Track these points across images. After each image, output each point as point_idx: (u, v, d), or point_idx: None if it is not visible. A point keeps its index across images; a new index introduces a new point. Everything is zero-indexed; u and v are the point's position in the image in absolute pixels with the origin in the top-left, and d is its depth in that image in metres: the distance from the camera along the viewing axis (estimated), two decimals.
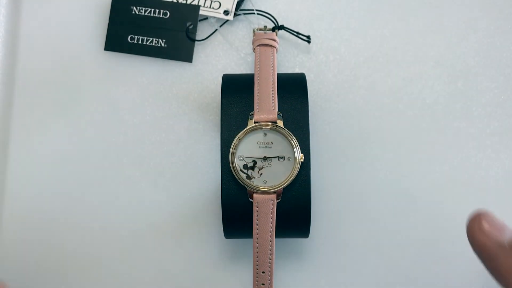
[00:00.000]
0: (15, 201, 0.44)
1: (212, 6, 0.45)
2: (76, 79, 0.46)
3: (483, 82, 0.45)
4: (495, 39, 0.46)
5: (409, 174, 0.44)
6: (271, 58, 0.39)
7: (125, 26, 0.45)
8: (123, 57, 0.46)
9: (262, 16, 0.46)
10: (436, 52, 0.46)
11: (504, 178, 0.44)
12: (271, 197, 0.36)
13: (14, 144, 0.45)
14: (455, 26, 0.46)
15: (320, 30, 0.46)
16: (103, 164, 0.45)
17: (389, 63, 0.46)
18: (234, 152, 0.36)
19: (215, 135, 0.45)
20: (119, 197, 0.44)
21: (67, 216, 0.44)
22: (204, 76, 0.46)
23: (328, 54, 0.46)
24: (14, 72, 0.46)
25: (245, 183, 0.36)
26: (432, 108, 0.45)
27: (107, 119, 0.45)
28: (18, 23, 0.47)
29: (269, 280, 0.37)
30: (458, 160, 0.44)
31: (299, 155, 0.36)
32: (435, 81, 0.45)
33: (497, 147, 0.44)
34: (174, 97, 0.46)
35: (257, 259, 0.36)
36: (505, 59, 0.46)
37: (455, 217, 0.43)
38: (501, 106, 0.45)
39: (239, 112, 0.38)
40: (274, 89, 0.38)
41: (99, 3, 0.47)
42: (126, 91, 0.46)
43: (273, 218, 0.36)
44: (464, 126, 0.45)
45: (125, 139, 0.45)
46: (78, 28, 0.47)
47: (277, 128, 0.36)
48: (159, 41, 0.45)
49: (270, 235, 0.36)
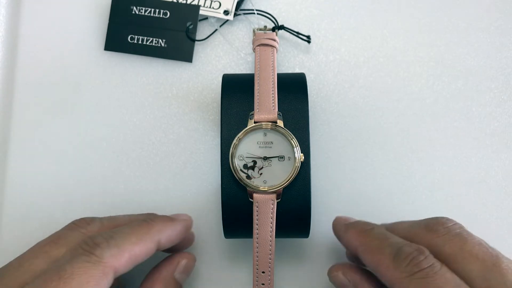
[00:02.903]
0: (15, 201, 0.44)
1: (212, 6, 0.45)
2: (76, 79, 0.46)
3: (483, 82, 0.45)
4: (495, 39, 0.46)
5: (409, 174, 0.44)
6: (271, 58, 0.39)
7: (125, 26, 0.45)
8: (123, 57, 0.46)
9: (262, 16, 0.46)
10: (436, 52, 0.46)
11: (504, 178, 0.44)
12: (271, 197, 0.36)
13: (14, 144, 0.45)
14: (455, 26, 0.46)
15: (320, 30, 0.46)
16: (103, 164, 0.45)
17: (389, 63, 0.46)
18: (234, 152, 0.36)
19: (215, 135, 0.45)
20: (119, 197, 0.44)
21: (67, 216, 0.44)
22: (204, 76, 0.46)
23: (328, 54, 0.46)
24: (14, 72, 0.46)
25: (245, 183, 0.36)
26: (432, 108, 0.45)
27: (107, 119, 0.45)
28: (18, 23, 0.47)
29: (269, 280, 0.37)
30: (458, 160, 0.44)
31: (299, 155, 0.36)
32: (435, 81, 0.45)
33: (497, 147, 0.44)
34: (174, 97, 0.46)
35: (257, 259, 0.36)
36: (505, 59, 0.46)
37: (455, 217, 0.43)
38: (501, 106, 0.45)
39: (239, 112, 0.38)
40: (274, 89, 0.38)
41: (99, 3, 0.47)
42: (126, 91, 0.46)
43: (273, 218, 0.36)
44: (464, 126, 0.45)
45: (125, 139, 0.45)
46: (78, 28, 0.47)
47: (277, 128, 0.36)
48: (159, 41, 0.45)
49: (270, 235, 0.36)
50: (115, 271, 0.31)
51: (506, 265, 0.29)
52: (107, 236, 0.32)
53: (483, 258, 0.29)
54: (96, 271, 0.30)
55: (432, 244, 0.32)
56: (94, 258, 0.30)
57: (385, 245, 0.33)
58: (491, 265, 0.29)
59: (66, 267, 0.30)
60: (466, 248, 0.30)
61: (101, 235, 0.33)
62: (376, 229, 0.35)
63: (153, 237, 0.35)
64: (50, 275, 0.29)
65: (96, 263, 0.30)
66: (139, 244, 0.33)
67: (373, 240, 0.34)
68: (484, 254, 0.30)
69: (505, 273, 0.28)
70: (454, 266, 0.30)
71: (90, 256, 0.31)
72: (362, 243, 0.35)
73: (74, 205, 0.44)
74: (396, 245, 0.32)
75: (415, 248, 0.31)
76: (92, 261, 0.30)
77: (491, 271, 0.29)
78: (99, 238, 0.32)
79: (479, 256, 0.30)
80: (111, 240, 0.32)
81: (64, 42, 0.46)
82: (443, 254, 0.31)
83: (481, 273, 0.29)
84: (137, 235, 0.34)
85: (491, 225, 0.43)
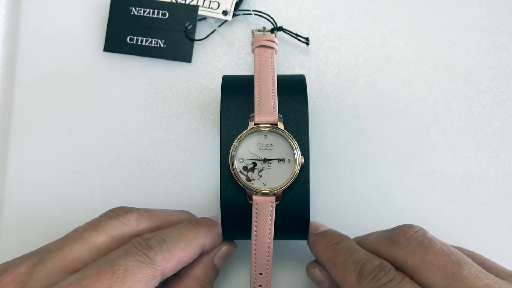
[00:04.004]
0: (15, 201, 0.45)
1: (211, 6, 0.45)
2: (75, 80, 0.46)
3: (483, 82, 0.45)
4: (495, 39, 0.46)
5: (409, 174, 0.44)
6: (271, 60, 0.39)
7: (124, 27, 0.45)
8: (122, 58, 0.46)
9: (261, 17, 0.46)
10: (436, 52, 0.46)
11: (504, 178, 0.44)
12: (271, 199, 0.36)
13: (14, 144, 0.45)
14: (455, 26, 0.46)
15: (320, 30, 0.46)
16: (103, 164, 0.45)
17: (389, 63, 0.46)
18: (234, 154, 0.36)
19: (215, 135, 0.45)
20: (119, 197, 0.44)
21: (67, 216, 0.44)
22: (203, 76, 0.46)
23: (328, 54, 0.46)
24: (14, 72, 0.46)
25: (244, 185, 0.36)
26: (432, 108, 0.45)
27: (107, 119, 0.45)
28: (18, 23, 0.47)
29: (267, 282, 0.37)
30: (458, 160, 0.44)
31: (299, 157, 0.36)
32: (435, 81, 0.45)
33: (497, 147, 0.44)
34: (174, 97, 0.46)
35: (255, 261, 0.37)
36: (505, 59, 0.45)
37: (455, 217, 0.44)
38: (501, 106, 0.45)
39: (238, 114, 0.37)
40: (274, 91, 0.37)
41: (98, 4, 0.46)
42: (126, 91, 0.46)
43: (272, 220, 0.36)
44: (464, 126, 0.45)
45: (125, 139, 0.45)
46: (78, 29, 0.47)
47: (278, 130, 0.36)
48: (158, 41, 0.45)
49: (269, 237, 0.36)
50: (164, 274, 0.32)
51: (468, 271, 0.29)
52: (160, 239, 0.33)
53: (444, 267, 0.30)
54: (148, 272, 0.31)
55: (395, 256, 0.32)
56: (147, 260, 0.31)
57: (350, 261, 0.33)
58: (453, 274, 0.29)
59: (120, 262, 0.30)
60: (427, 258, 0.30)
61: (154, 237, 0.33)
62: (342, 242, 0.36)
63: (199, 242, 0.36)
64: (103, 268, 0.30)
65: (149, 264, 0.31)
66: (187, 250, 0.34)
67: (339, 256, 0.34)
68: (445, 263, 0.30)
69: (467, 280, 0.28)
70: (417, 277, 0.30)
71: (144, 256, 0.31)
72: (328, 258, 0.35)
73: (74, 205, 0.44)
74: (359, 261, 0.33)
75: (377, 264, 0.32)
76: (145, 262, 0.31)
77: (452, 279, 0.29)
78: (152, 240, 0.33)
79: (440, 265, 0.30)
80: (164, 244, 0.33)
81: (63, 43, 0.46)
82: (407, 266, 0.31)
83: (442, 283, 0.29)
84: (186, 241, 0.35)
85: (491, 225, 0.43)
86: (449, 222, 0.43)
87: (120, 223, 0.35)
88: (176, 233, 0.35)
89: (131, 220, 0.36)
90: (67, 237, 0.34)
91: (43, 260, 0.32)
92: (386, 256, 0.33)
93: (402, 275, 0.30)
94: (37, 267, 0.31)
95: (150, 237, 0.33)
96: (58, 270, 0.31)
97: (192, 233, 0.36)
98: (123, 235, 0.35)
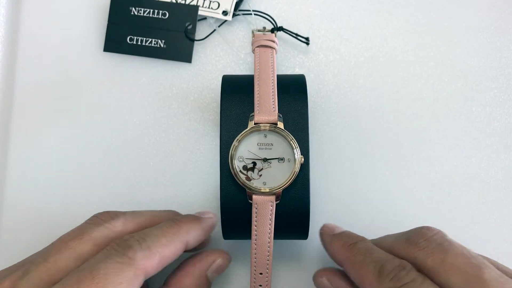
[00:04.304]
0: (15, 201, 0.44)
1: (211, 6, 0.45)
2: (75, 80, 0.46)
3: (483, 82, 0.45)
4: (495, 39, 0.46)
5: (409, 174, 0.44)
6: (271, 60, 0.39)
7: (124, 27, 0.45)
8: (122, 58, 0.46)
9: (261, 17, 0.46)
10: (436, 52, 0.46)
11: (504, 178, 0.44)
12: (271, 199, 0.36)
13: (14, 144, 0.45)
14: (455, 26, 0.46)
15: (320, 30, 0.46)
16: (103, 164, 0.45)
17: (389, 63, 0.46)
18: (233, 154, 0.36)
19: (215, 135, 0.45)
20: (119, 197, 0.44)
21: (67, 216, 0.44)
22: (203, 76, 0.46)
23: (328, 54, 0.46)
24: (14, 72, 0.46)
25: (244, 184, 0.36)
26: (432, 108, 0.45)
27: (107, 119, 0.45)
28: (18, 23, 0.47)
29: (267, 282, 0.37)
30: (458, 160, 0.44)
31: (299, 157, 0.36)
32: (435, 81, 0.45)
33: (497, 147, 0.44)
34: (174, 97, 0.46)
35: (255, 260, 0.36)
36: (505, 59, 0.45)
37: (455, 217, 0.44)
38: (501, 106, 0.45)
39: (238, 113, 0.38)
40: (274, 91, 0.37)
41: (98, 4, 0.47)
42: (126, 91, 0.46)
43: (272, 220, 0.36)
44: (464, 126, 0.45)
45: (125, 139, 0.45)
46: (78, 29, 0.47)
47: (277, 129, 0.36)
48: (158, 41, 0.45)
49: (269, 237, 0.36)
50: (146, 273, 0.32)
51: (488, 275, 0.29)
52: (139, 238, 0.33)
53: (465, 269, 0.29)
54: (129, 272, 0.30)
55: (415, 257, 0.32)
56: (126, 260, 0.31)
57: (369, 260, 0.33)
58: (474, 277, 0.29)
59: (99, 266, 0.30)
60: (448, 260, 0.30)
61: (133, 237, 0.33)
62: (360, 243, 0.35)
63: (182, 239, 0.35)
64: (83, 274, 0.29)
65: (129, 264, 0.30)
66: (169, 246, 0.34)
67: (357, 255, 0.34)
68: (466, 265, 0.29)
69: (488, 284, 0.28)
70: (438, 279, 0.30)
71: (123, 257, 0.31)
72: (346, 258, 0.35)
73: (74, 205, 0.44)
74: (379, 261, 0.32)
75: (397, 264, 0.31)
76: (125, 262, 0.30)
77: (474, 282, 0.28)
78: (131, 240, 0.32)
79: (461, 267, 0.29)
80: (143, 243, 0.32)
81: (63, 43, 0.46)
82: (426, 267, 0.31)
83: (463, 285, 0.29)
84: (167, 237, 0.34)
85: (491, 225, 0.43)
86: (449, 222, 0.43)
87: (106, 229, 0.34)
88: (156, 231, 0.34)
89: (117, 226, 0.35)
90: (52, 247, 0.33)
91: (28, 272, 0.31)
92: (405, 257, 0.32)
93: (423, 276, 0.30)
94: (21, 281, 0.31)
95: (129, 237, 0.33)
96: (43, 283, 0.31)
97: (173, 229, 0.35)
98: (109, 241, 0.34)
